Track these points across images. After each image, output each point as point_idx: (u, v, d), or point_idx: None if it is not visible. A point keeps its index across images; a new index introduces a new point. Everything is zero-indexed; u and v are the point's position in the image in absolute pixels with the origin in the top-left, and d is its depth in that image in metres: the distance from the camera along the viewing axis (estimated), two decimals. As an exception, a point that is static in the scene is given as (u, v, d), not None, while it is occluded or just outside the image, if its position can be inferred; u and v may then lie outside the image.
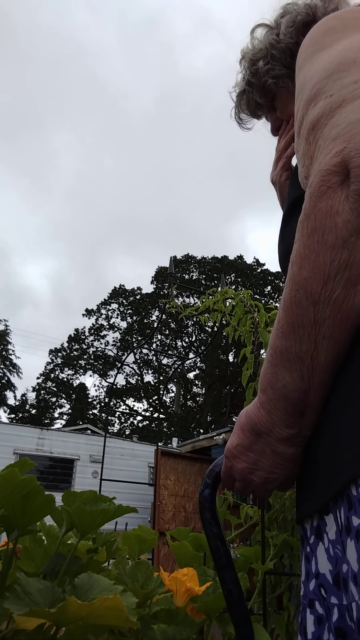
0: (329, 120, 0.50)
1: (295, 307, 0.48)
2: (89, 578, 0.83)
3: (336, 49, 0.56)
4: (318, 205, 0.47)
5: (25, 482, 0.82)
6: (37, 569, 1.05)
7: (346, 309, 0.46)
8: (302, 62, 0.62)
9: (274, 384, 0.52)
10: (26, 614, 0.71)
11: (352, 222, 0.45)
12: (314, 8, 0.83)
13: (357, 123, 0.46)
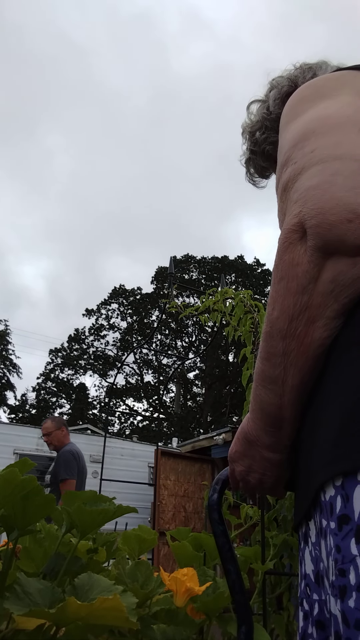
0: (294, 185, 0.59)
1: (269, 339, 0.58)
2: (89, 578, 0.83)
3: (304, 118, 0.65)
4: (283, 258, 0.56)
5: (25, 482, 0.82)
6: (37, 569, 1.05)
7: (307, 343, 0.56)
8: (281, 129, 0.72)
9: (256, 400, 0.63)
10: (26, 614, 0.71)
11: (310, 272, 0.54)
12: (295, 79, 0.95)
13: (310, 189, 0.55)
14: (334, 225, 0.52)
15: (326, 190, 0.53)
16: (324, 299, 0.54)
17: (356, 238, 0.52)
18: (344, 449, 0.48)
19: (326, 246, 0.53)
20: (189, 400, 30.09)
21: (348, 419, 0.49)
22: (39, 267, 53.67)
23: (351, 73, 0.72)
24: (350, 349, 0.53)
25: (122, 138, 52.58)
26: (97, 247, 51.09)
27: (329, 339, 0.55)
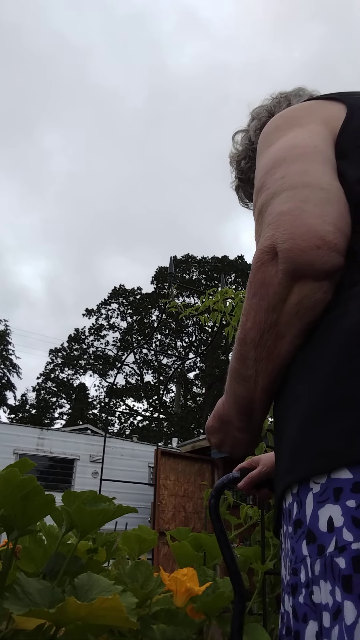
0: (267, 209, 0.63)
1: (243, 345, 0.63)
2: (89, 578, 0.83)
3: (276, 146, 0.69)
4: (256, 276, 0.61)
5: (25, 482, 0.83)
6: (37, 569, 1.05)
7: (276, 354, 0.61)
8: (257, 157, 0.77)
9: (230, 390, 0.70)
10: (26, 614, 0.71)
11: (279, 293, 0.58)
12: (272, 109, 1.01)
13: (282, 215, 0.59)
14: (303, 251, 0.56)
15: (297, 217, 0.57)
16: (290, 318, 0.59)
17: (323, 264, 0.56)
18: (298, 458, 0.52)
19: (295, 270, 0.57)
20: (189, 400, 30.08)
21: (301, 430, 0.53)
22: (38, 267, 53.70)
23: (319, 103, 0.77)
24: (306, 363, 0.58)
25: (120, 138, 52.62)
26: (96, 247, 51.14)
27: (295, 352, 0.61)
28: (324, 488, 0.48)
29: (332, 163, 0.65)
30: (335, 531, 0.46)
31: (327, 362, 0.54)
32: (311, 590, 0.48)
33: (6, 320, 32.57)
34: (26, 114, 51.93)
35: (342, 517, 0.45)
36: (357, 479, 0.45)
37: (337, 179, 0.63)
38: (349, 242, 0.59)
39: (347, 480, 0.46)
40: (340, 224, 0.58)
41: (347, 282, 0.57)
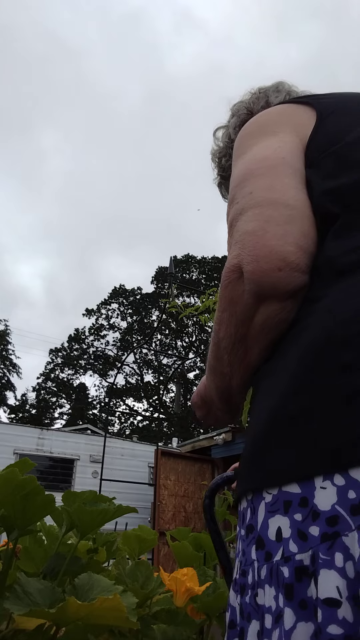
0: (236, 224, 0.64)
1: (217, 349, 0.67)
2: (89, 578, 0.83)
3: (247, 157, 0.70)
4: (224, 294, 0.63)
5: (25, 482, 0.83)
6: (37, 569, 1.05)
7: (247, 362, 0.65)
8: (233, 162, 0.77)
9: (209, 378, 0.74)
10: (26, 614, 0.71)
11: (245, 313, 0.61)
12: (251, 106, 0.99)
13: (247, 235, 0.60)
14: (266, 273, 0.57)
15: (260, 238, 0.58)
16: (257, 334, 0.62)
17: (286, 285, 0.57)
18: (253, 468, 0.54)
19: (260, 292, 0.58)
20: (189, 400, 30.06)
21: (258, 441, 0.55)
22: (38, 267, 53.69)
23: (291, 107, 0.76)
24: (268, 375, 0.59)
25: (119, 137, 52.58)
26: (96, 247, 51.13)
27: (262, 362, 0.64)
28: (275, 499, 0.50)
29: (300, 174, 0.65)
30: (283, 541, 0.48)
31: (284, 377, 0.55)
32: (256, 592, 0.51)
33: (6, 320, 32.58)
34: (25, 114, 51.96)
35: (290, 529, 0.47)
36: (304, 494, 0.47)
37: (305, 191, 0.64)
38: (313, 257, 0.59)
39: (296, 495, 0.47)
40: (302, 242, 0.58)
41: (311, 296, 0.58)
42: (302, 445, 0.48)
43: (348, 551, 0.42)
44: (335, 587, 0.41)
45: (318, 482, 0.45)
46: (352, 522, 0.43)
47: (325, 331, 0.52)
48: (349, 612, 0.40)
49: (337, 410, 0.46)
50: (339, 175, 0.63)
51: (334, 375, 0.48)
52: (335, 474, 0.44)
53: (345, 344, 0.49)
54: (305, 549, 0.45)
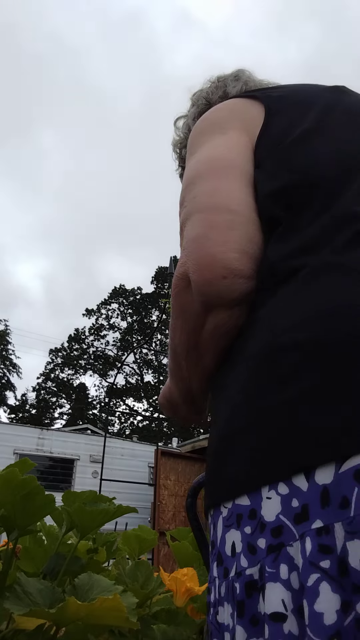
0: (184, 229, 0.62)
1: (174, 355, 0.67)
2: (89, 578, 0.83)
3: (196, 157, 0.68)
4: (175, 302, 0.63)
5: (25, 482, 0.82)
6: (37, 569, 1.05)
7: (201, 367, 0.64)
8: (186, 162, 0.75)
9: (172, 383, 0.73)
10: (26, 614, 0.71)
11: (195, 321, 0.60)
12: (209, 97, 0.96)
13: (191, 242, 0.58)
14: (210, 282, 0.55)
15: (203, 245, 0.56)
16: (208, 342, 0.61)
17: (231, 292, 0.56)
18: (211, 483, 0.54)
19: (206, 301, 0.57)
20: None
21: (213, 454, 0.55)
22: (38, 267, 53.69)
23: (242, 102, 0.73)
24: (219, 386, 0.59)
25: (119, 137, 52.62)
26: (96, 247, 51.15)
27: (217, 367, 0.63)
28: (230, 513, 0.49)
29: (248, 176, 0.63)
30: (236, 556, 0.47)
31: (234, 389, 0.54)
32: (217, 610, 0.50)
33: (6, 320, 32.58)
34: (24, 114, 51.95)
35: (241, 543, 0.46)
36: (253, 506, 0.45)
37: (251, 195, 0.62)
38: (258, 263, 0.58)
39: (246, 507, 0.46)
40: (247, 248, 0.57)
41: (256, 303, 0.57)
42: (250, 456, 0.47)
43: (293, 562, 0.41)
44: (280, 600, 0.40)
45: (264, 493, 0.45)
46: (295, 532, 0.41)
47: (266, 341, 0.51)
48: (294, 626, 0.39)
49: (278, 420, 0.45)
50: (281, 176, 0.61)
51: (275, 385, 0.47)
52: (280, 483, 0.44)
53: (283, 354, 0.48)
54: (255, 563, 0.44)
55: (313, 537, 0.39)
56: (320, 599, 0.37)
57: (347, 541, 0.38)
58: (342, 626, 0.37)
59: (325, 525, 0.39)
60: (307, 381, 0.45)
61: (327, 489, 0.40)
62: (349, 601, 0.37)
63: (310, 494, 0.41)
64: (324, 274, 0.50)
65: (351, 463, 0.39)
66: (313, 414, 0.43)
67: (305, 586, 0.38)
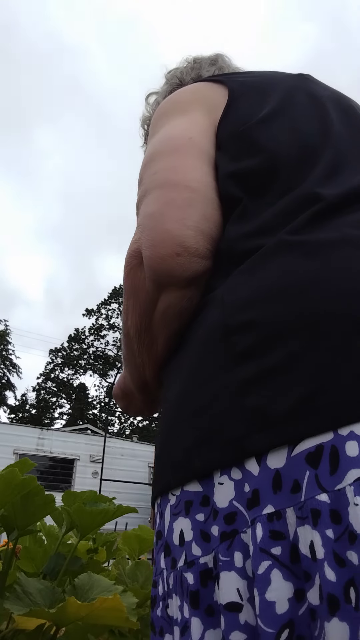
0: (140, 206, 0.60)
1: (127, 339, 0.64)
2: (89, 578, 0.83)
3: (157, 137, 0.67)
4: (127, 281, 0.61)
5: (25, 482, 0.82)
6: (37, 569, 1.05)
7: (154, 352, 0.62)
8: (147, 142, 0.74)
9: (126, 371, 0.71)
10: (26, 614, 0.71)
11: (147, 301, 0.58)
12: (182, 77, 0.94)
13: (146, 218, 0.57)
14: (163, 259, 0.53)
15: (158, 221, 0.55)
16: (159, 324, 0.59)
17: (184, 271, 0.54)
18: (159, 470, 0.52)
19: (158, 279, 0.55)
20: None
21: (161, 440, 0.53)
22: (38, 267, 53.70)
23: (207, 86, 0.72)
24: (169, 371, 0.58)
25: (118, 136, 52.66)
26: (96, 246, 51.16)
27: (169, 353, 0.61)
28: (178, 500, 0.47)
29: (208, 156, 0.62)
30: (185, 545, 0.45)
31: (183, 373, 0.52)
32: (167, 603, 0.48)
33: (6, 320, 32.60)
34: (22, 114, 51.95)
35: (192, 531, 0.44)
36: (205, 492, 0.44)
37: (211, 174, 0.60)
38: (215, 243, 0.56)
39: (198, 493, 0.45)
40: (203, 227, 0.55)
41: (211, 284, 0.55)
42: (200, 441, 0.45)
43: (247, 549, 0.39)
44: (235, 589, 0.39)
45: (216, 478, 0.43)
46: (248, 517, 0.40)
47: (218, 322, 0.49)
48: (251, 616, 0.38)
49: (230, 403, 0.44)
50: (242, 157, 0.60)
51: (226, 367, 0.46)
52: (233, 468, 0.42)
53: (234, 334, 0.46)
54: (209, 551, 0.43)
55: (264, 523, 0.38)
56: (271, 587, 0.36)
57: (298, 527, 0.37)
58: (296, 615, 0.35)
59: (276, 511, 0.38)
60: (259, 362, 0.43)
61: (279, 473, 0.39)
62: (302, 589, 0.36)
63: (261, 478, 0.40)
64: (278, 255, 0.49)
65: (303, 446, 0.39)
66: (264, 396, 0.42)
67: (256, 574, 0.37)
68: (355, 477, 0.36)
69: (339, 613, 0.33)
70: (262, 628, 0.35)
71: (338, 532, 0.35)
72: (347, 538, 0.35)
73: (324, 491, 0.36)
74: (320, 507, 0.36)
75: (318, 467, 0.37)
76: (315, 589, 0.34)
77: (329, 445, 0.38)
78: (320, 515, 0.36)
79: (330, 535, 0.35)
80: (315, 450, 0.38)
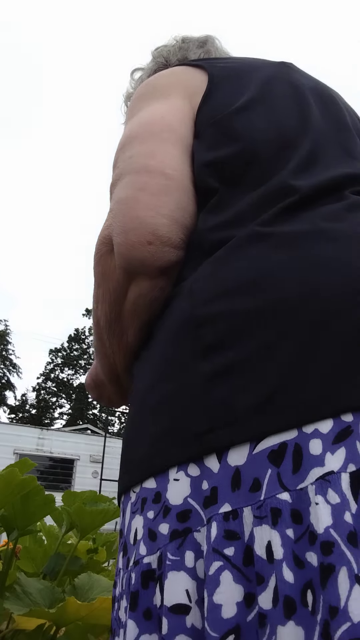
0: (114, 190, 0.58)
1: (98, 327, 0.62)
2: (89, 578, 0.83)
3: (134, 120, 0.64)
4: (97, 268, 0.59)
5: (25, 482, 0.82)
6: (37, 569, 1.05)
7: (124, 343, 0.60)
8: (124, 124, 0.71)
9: (97, 361, 0.69)
10: (26, 614, 0.71)
11: (117, 289, 0.56)
12: (169, 57, 0.90)
13: (119, 203, 0.54)
14: (134, 246, 0.52)
15: (130, 208, 0.53)
16: (129, 314, 0.57)
17: (155, 260, 0.52)
18: (122, 467, 0.50)
19: (129, 267, 0.53)
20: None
21: (125, 436, 0.51)
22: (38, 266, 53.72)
23: (187, 70, 0.70)
24: (138, 362, 0.56)
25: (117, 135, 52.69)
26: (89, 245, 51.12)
27: (139, 344, 0.59)
28: (137, 498, 0.45)
29: (185, 144, 0.60)
30: (136, 544, 0.43)
31: (149, 366, 0.51)
32: (119, 605, 0.46)
33: (6, 320, 32.60)
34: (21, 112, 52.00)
35: (143, 529, 0.43)
36: (159, 489, 0.42)
37: (188, 162, 0.59)
38: (189, 233, 0.55)
39: (151, 490, 0.43)
40: (177, 215, 0.54)
41: (181, 275, 0.54)
42: (159, 436, 0.44)
43: (199, 548, 0.38)
44: (184, 590, 0.37)
45: (172, 474, 0.41)
46: (204, 516, 0.38)
47: (185, 314, 0.48)
48: (198, 619, 0.36)
49: (192, 397, 0.42)
50: (218, 146, 0.59)
51: (191, 360, 0.44)
52: (190, 464, 0.40)
53: (201, 326, 0.45)
54: (154, 550, 0.41)
55: (219, 522, 0.37)
56: (220, 589, 0.35)
57: (255, 526, 0.35)
58: (244, 621, 0.34)
59: (233, 510, 0.37)
60: (225, 356, 0.42)
61: (238, 471, 0.38)
62: (253, 593, 0.34)
63: (220, 476, 0.38)
64: (247, 246, 0.48)
65: (266, 443, 0.37)
66: (228, 391, 0.41)
67: (207, 575, 0.35)
68: (317, 476, 0.35)
69: (295, 617, 0.32)
70: (207, 631, 0.34)
71: (298, 533, 0.34)
72: (307, 539, 0.34)
73: (285, 490, 0.35)
74: (281, 506, 0.35)
75: (280, 465, 0.36)
76: (269, 592, 0.33)
77: (293, 443, 0.37)
78: (280, 514, 0.35)
79: (290, 535, 0.34)
80: (278, 448, 0.37)
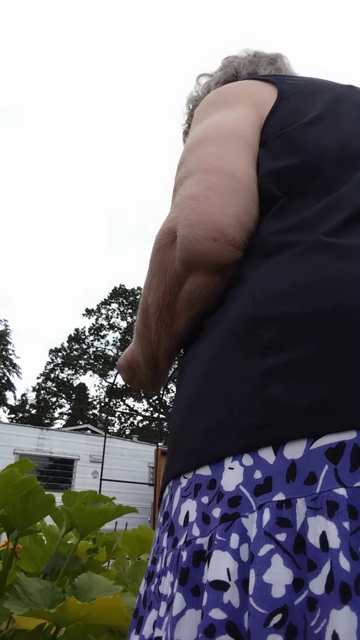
0: (179, 187, 0.61)
1: (146, 314, 0.64)
2: (89, 578, 0.83)
3: (204, 124, 0.68)
4: (155, 258, 0.61)
5: (25, 482, 0.82)
6: (37, 569, 1.05)
7: (173, 331, 0.62)
8: (190, 130, 0.74)
9: (137, 345, 0.71)
10: (26, 614, 0.71)
11: (174, 280, 0.59)
12: (239, 69, 0.95)
13: (188, 198, 0.57)
14: (199, 240, 0.54)
15: (201, 204, 0.55)
16: (184, 304, 0.60)
17: (217, 257, 0.55)
18: (173, 455, 0.53)
19: (190, 260, 0.56)
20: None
21: (176, 427, 0.53)
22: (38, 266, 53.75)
23: (256, 84, 0.74)
24: (190, 358, 0.58)
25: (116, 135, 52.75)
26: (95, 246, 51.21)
27: (186, 335, 0.62)
28: (189, 483, 0.48)
29: (253, 150, 0.63)
30: (188, 526, 0.46)
31: (203, 361, 0.53)
32: (160, 580, 0.49)
33: (6, 320, 32.59)
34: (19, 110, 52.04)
35: (196, 513, 0.45)
36: (213, 476, 0.45)
37: (254, 167, 0.62)
38: (250, 236, 0.57)
39: (206, 477, 0.46)
40: (243, 217, 0.56)
41: (239, 276, 0.56)
42: (214, 427, 0.46)
43: (245, 533, 0.40)
44: (225, 569, 0.39)
45: (227, 463, 0.44)
46: (253, 503, 0.41)
47: (245, 313, 0.50)
48: (235, 597, 0.38)
49: (250, 392, 0.45)
50: (284, 157, 0.62)
51: (250, 358, 0.47)
52: (245, 455, 0.43)
53: (262, 326, 0.47)
54: (207, 533, 0.43)
55: (272, 509, 0.39)
56: (271, 570, 0.36)
57: (309, 517, 0.37)
58: (292, 604, 0.35)
59: (287, 499, 0.39)
60: (287, 355, 0.44)
61: (294, 464, 0.40)
62: (302, 580, 0.36)
63: (275, 467, 0.41)
64: (311, 253, 0.50)
65: (324, 441, 0.39)
66: (288, 388, 0.42)
67: (256, 556, 0.37)
68: None
69: (351, 602, 0.33)
70: (253, 608, 0.36)
71: (354, 527, 0.36)
72: None
73: (342, 486, 0.37)
74: (338, 500, 0.37)
75: (338, 462, 0.38)
76: (321, 578, 0.35)
77: (352, 444, 0.39)
78: (337, 507, 0.37)
79: (347, 527, 0.36)
80: (336, 447, 0.39)
